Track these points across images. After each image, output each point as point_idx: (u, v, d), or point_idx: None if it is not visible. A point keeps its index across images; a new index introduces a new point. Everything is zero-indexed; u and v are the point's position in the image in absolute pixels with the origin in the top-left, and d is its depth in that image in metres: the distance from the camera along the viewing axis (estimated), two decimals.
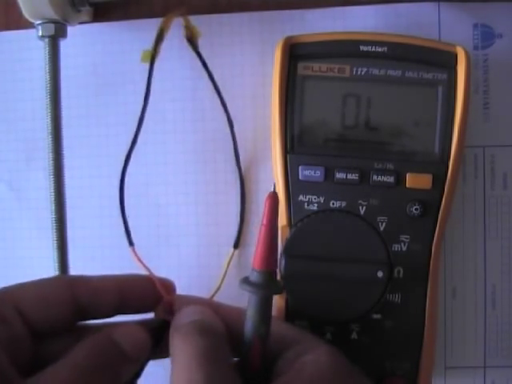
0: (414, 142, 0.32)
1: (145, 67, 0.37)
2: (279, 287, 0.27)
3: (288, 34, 0.33)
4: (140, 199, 0.37)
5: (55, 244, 0.33)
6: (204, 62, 0.35)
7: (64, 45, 0.35)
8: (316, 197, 0.32)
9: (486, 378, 0.36)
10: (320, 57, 0.33)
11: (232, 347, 0.27)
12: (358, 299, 0.31)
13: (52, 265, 0.34)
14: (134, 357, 0.26)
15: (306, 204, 0.32)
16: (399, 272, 0.32)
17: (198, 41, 0.35)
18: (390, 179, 0.32)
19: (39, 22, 0.33)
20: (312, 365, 0.25)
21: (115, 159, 0.38)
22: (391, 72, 0.32)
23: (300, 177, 0.32)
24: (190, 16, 0.37)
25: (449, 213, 0.32)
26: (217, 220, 0.37)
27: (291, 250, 0.31)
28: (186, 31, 0.35)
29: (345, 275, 0.31)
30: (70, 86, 0.37)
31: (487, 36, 0.36)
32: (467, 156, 0.36)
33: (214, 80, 0.36)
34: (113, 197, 0.37)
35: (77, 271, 0.34)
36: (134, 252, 0.33)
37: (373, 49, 0.32)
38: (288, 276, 0.31)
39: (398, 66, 0.32)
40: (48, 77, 0.34)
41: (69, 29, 0.35)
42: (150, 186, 0.37)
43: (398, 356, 0.32)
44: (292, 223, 0.32)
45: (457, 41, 0.33)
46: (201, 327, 0.26)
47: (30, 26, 0.34)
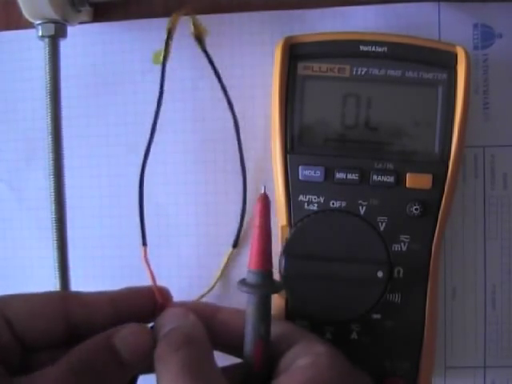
0: (414, 142, 0.32)
1: (144, 67, 0.37)
2: (276, 286, 0.27)
3: (288, 34, 0.33)
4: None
5: (55, 244, 0.33)
6: (211, 61, 0.35)
7: (64, 45, 0.35)
8: (316, 197, 0.32)
9: (486, 378, 0.36)
10: (320, 57, 0.33)
11: (234, 349, 0.27)
12: (358, 299, 0.31)
13: (52, 265, 0.34)
14: (132, 363, 0.26)
15: (306, 204, 0.32)
16: (399, 272, 0.32)
17: (205, 39, 0.35)
18: (390, 179, 0.32)
19: (39, 22, 0.33)
20: (308, 368, 0.25)
21: (115, 159, 0.38)
22: (391, 72, 0.32)
23: (300, 177, 0.32)
24: (190, 16, 0.37)
25: (449, 213, 0.32)
26: (217, 220, 0.37)
27: (291, 250, 0.31)
28: (194, 30, 0.35)
29: (345, 275, 0.31)
30: (70, 86, 0.37)
31: (487, 36, 0.36)
32: (467, 156, 0.36)
33: (221, 78, 0.35)
34: (113, 197, 0.38)
35: (77, 271, 0.34)
36: (145, 252, 0.32)
37: (373, 49, 0.32)
38: (288, 276, 0.31)
39: (398, 66, 0.32)
40: (48, 77, 0.34)
41: (69, 29, 0.35)
42: (150, 186, 0.37)
43: (398, 356, 0.32)
44: (292, 223, 0.32)
45: (457, 41, 0.33)
46: (183, 337, 0.25)
47: (30, 26, 0.34)
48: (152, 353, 0.26)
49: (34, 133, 0.38)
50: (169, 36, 0.34)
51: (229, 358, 0.29)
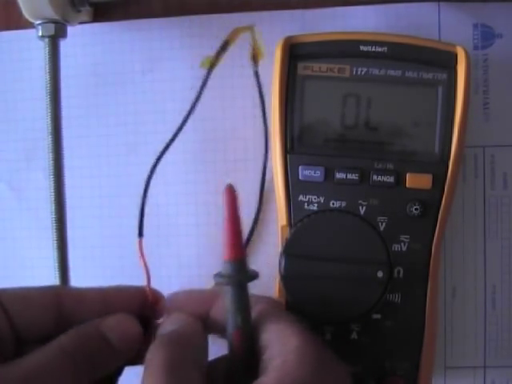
0: (414, 142, 0.32)
1: (144, 67, 0.37)
2: (249, 275, 0.26)
3: (288, 34, 0.33)
4: (140, 199, 0.37)
5: (55, 244, 0.33)
6: (259, 85, 0.36)
7: (64, 45, 0.35)
8: (316, 197, 0.32)
9: (486, 378, 0.36)
10: (320, 57, 0.33)
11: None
12: (358, 299, 0.31)
13: (52, 265, 0.34)
14: (121, 349, 0.26)
15: (306, 204, 0.32)
16: (399, 272, 0.32)
17: (259, 61, 0.35)
18: (390, 179, 0.32)
19: (39, 22, 0.33)
20: (278, 370, 0.24)
21: (115, 159, 0.38)
22: (391, 72, 0.32)
23: (300, 177, 0.32)
24: (190, 16, 0.37)
25: (449, 213, 0.32)
26: (217, 220, 0.37)
27: (291, 250, 0.31)
28: (253, 49, 0.35)
29: (345, 275, 0.31)
30: (70, 86, 0.37)
31: (487, 36, 0.36)
32: (467, 156, 0.36)
33: (261, 89, 0.36)
34: (113, 197, 0.38)
35: (77, 271, 0.34)
36: (141, 244, 0.32)
37: (373, 49, 0.32)
38: (288, 276, 0.31)
39: (398, 66, 0.32)
40: (48, 77, 0.34)
41: (69, 29, 0.35)
42: (150, 186, 0.37)
43: (398, 356, 0.32)
44: (292, 223, 0.32)
45: (457, 41, 0.33)
46: (170, 338, 0.26)
47: (30, 26, 0.34)
48: (140, 340, 0.27)
49: (34, 133, 0.38)
50: (223, 46, 0.35)
51: None
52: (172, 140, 0.34)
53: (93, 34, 0.38)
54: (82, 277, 0.35)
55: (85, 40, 0.38)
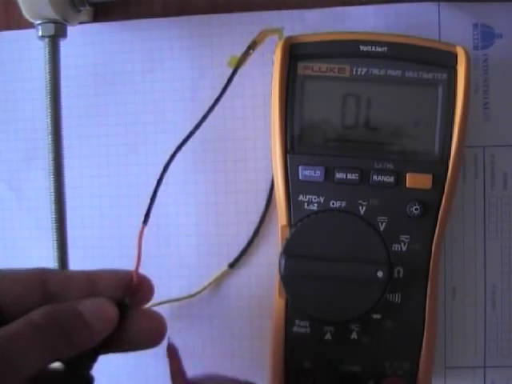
0: (414, 142, 0.32)
1: (145, 68, 0.37)
2: None
3: (288, 34, 0.33)
4: (140, 199, 0.37)
5: (55, 244, 0.33)
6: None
7: (64, 45, 0.35)
8: (316, 197, 0.32)
9: (486, 378, 0.36)
10: (320, 57, 0.33)
11: None
12: (358, 299, 0.31)
13: (52, 265, 0.34)
14: (95, 327, 0.26)
15: (306, 204, 0.32)
16: (399, 272, 0.32)
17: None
18: (390, 179, 0.32)
19: (39, 22, 0.33)
20: None
21: (115, 159, 0.38)
22: (391, 72, 0.32)
23: (300, 177, 0.32)
24: (190, 16, 0.37)
25: (449, 213, 0.32)
26: (217, 220, 0.37)
27: (291, 250, 0.31)
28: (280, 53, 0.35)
29: (345, 275, 0.31)
30: (70, 86, 0.37)
31: (487, 36, 0.36)
32: (467, 156, 0.36)
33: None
34: (113, 197, 0.38)
35: None
36: (143, 231, 0.32)
37: (373, 49, 0.32)
38: (288, 276, 0.31)
39: (398, 66, 0.32)
40: (48, 77, 0.34)
41: (69, 29, 0.35)
42: (150, 186, 0.37)
43: (398, 356, 0.32)
44: (292, 223, 0.32)
45: (457, 41, 0.33)
46: None
47: (30, 26, 0.34)
48: (115, 323, 0.26)
49: (34, 133, 0.38)
50: (250, 46, 0.36)
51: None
52: (188, 137, 0.35)
53: (93, 34, 0.38)
54: None
55: (85, 40, 0.38)
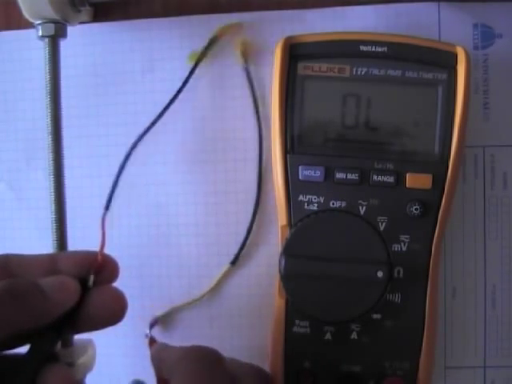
0: (414, 142, 0.32)
1: (145, 67, 0.37)
2: None
3: (288, 34, 0.33)
4: (140, 199, 0.37)
5: (55, 244, 0.33)
6: (251, 81, 0.36)
7: (64, 45, 0.35)
8: (316, 197, 0.32)
9: (486, 378, 0.36)
10: (320, 57, 0.33)
11: None
12: (358, 299, 0.31)
13: None
14: (55, 299, 0.26)
15: (306, 204, 0.32)
16: (399, 272, 0.32)
17: (249, 58, 0.36)
18: (390, 179, 0.32)
19: (39, 22, 0.33)
20: None
21: (115, 159, 0.38)
22: (391, 72, 0.32)
23: (300, 177, 0.32)
24: (190, 16, 0.37)
25: (449, 213, 0.32)
26: (217, 220, 0.37)
27: (291, 250, 0.31)
28: (241, 46, 0.36)
29: (345, 275, 0.31)
30: (70, 86, 0.37)
31: (487, 36, 0.36)
32: (467, 156, 0.36)
33: (255, 94, 0.36)
34: (113, 196, 0.37)
35: None
36: (104, 218, 0.32)
37: (373, 49, 0.32)
38: (288, 276, 0.31)
39: (398, 66, 0.32)
40: (48, 77, 0.33)
41: (69, 29, 0.35)
42: (150, 186, 0.37)
43: (398, 356, 0.32)
44: (292, 223, 0.32)
45: (457, 41, 0.33)
46: None
47: (30, 26, 0.34)
48: (75, 296, 0.27)
49: (34, 133, 0.38)
50: (211, 42, 0.36)
51: None
52: (146, 131, 0.36)
53: (93, 34, 0.38)
54: None
55: (85, 40, 0.38)
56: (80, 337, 0.30)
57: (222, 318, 0.37)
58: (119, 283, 0.30)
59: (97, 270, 0.29)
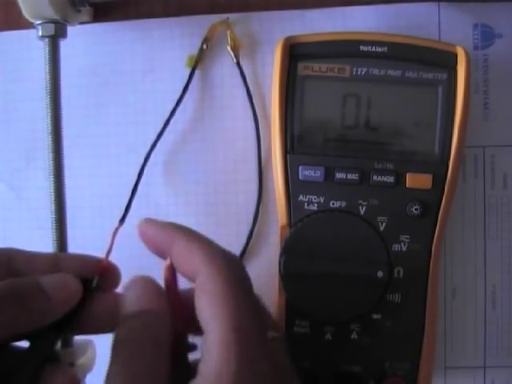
0: (414, 142, 0.32)
1: (145, 67, 0.37)
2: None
3: (288, 34, 0.33)
4: (140, 199, 0.37)
5: (55, 244, 0.33)
6: (243, 74, 0.36)
7: (64, 45, 0.35)
8: (316, 197, 0.32)
9: (486, 378, 0.36)
10: (320, 57, 0.33)
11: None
12: (358, 299, 0.31)
13: None
14: (56, 300, 0.26)
15: (306, 204, 0.32)
16: (399, 272, 0.32)
17: (240, 51, 0.37)
18: (390, 179, 0.32)
19: (39, 22, 0.33)
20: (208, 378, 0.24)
21: (115, 159, 0.38)
22: (391, 72, 0.32)
23: (300, 177, 0.32)
24: (190, 16, 0.37)
25: (449, 213, 0.32)
26: (217, 220, 0.37)
27: (291, 250, 0.31)
28: (230, 41, 0.36)
29: (345, 275, 0.31)
30: (71, 86, 0.37)
31: (487, 36, 0.36)
32: (467, 156, 0.36)
33: (249, 90, 0.37)
34: (113, 196, 0.37)
35: None
36: (117, 230, 0.32)
37: (373, 49, 0.32)
38: (288, 276, 0.31)
39: (398, 66, 0.32)
40: (48, 77, 0.34)
41: (69, 29, 0.35)
42: (150, 186, 0.37)
43: (398, 356, 0.32)
44: (292, 223, 0.32)
45: (457, 41, 0.33)
46: (145, 331, 0.25)
47: (30, 26, 0.34)
48: (77, 296, 0.26)
49: (34, 133, 0.38)
50: (203, 44, 0.36)
51: None
52: (157, 139, 0.36)
53: (93, 34, 0.38)
54: None
55: (85, 40, 0.38)
56: (80, 337, 0.30)
57: None
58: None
59: (100, 275, 0.29)
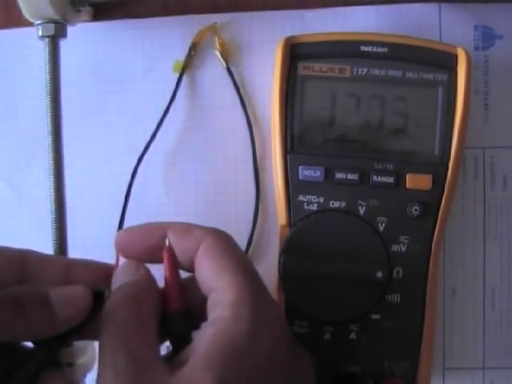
0: (414, 143, 0.32)
1: (145, 66, 0.37)
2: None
3: (289, 34, 0.33)
4: (140, 199, 0.37)
5: (55, 244, 0.33)
6: (233, 78, 0.37)
7: (65, 43, 0.35)
8: (316, 197, 0.32)
9: (485, 379, 0.36)
10: (321, 57, 0.33)
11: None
12: (358, 299, 0.31)
13: None
14: (61, 312, 0.26)
15: (306, 204, 0.32)
16: (398, 272, 0.32)
17: (229, 55, 0.37)
18: (390, 180, 0.32)
19: (39, 22, 0.33)
20: (213, 333, 0.24)
21: (115, 158, 0.38)
22: (392, 72, 0.32)
23: (300, 177, 0.32)
24: (190, 15, 0.37)
25: (448, 213, 0.32)
26: (217, 220, 0.37)
27: (290, 250, 0.31)
28: (219, 48, 0.36)
29: (344, 275, 0.31)
30: (71, 85, 0.37)
31: (488, 37, 0.36)
32: (467, 157, 0.36)
33: (240, 92, 0.37)
34: (113, 196, 0.37)
35: None
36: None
37: (373, 49, 0.32)
38: (287, 276, 0.31)
39: (399, 67, 0.32)
40: (48, 77, 0.33)
41: (69, 28, 0.35)
42: (150, 186, 0.37)
43: (397, 356, 0.32)
44: (292, 223, 0.32)
45: (457, 42, 0.33)
46: (123, 297, 0.26)
47: (31, 25, 0.34)
48: (85, 313, 0.26)
49: (35, 131, 0.38)
50: (191, 50, 0.36)
51: None
52: (151, 141, 0.36)
53: (94, 33, 0.38)
54: None
55: (86, 38, 0.38)
56: None
57: None
58: None
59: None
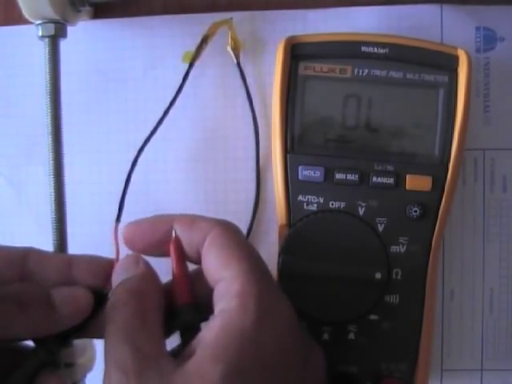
0: (415, 144, 0.32)
1: (146, 64, 0.37)
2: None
3: (290, 34, 0.33)
4: (140, 197, 0.37)
5: (55, 244, 0.33)
6: (243, 75, 0.36)
7: (65, 41, 0.34)
8: (315, 197, 0.32)
9: (483, 381, 0.36)
10: (322, 57, 0.33)
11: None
12: (356, 300, 0.31)
13: None
14: (63, 311, 0.26)
15: (306, 204, 0.32)
16: (397, 273, 0.32)
17: (240, 52, 0.36)
18: (390, 181, 0.32)
19: (39, 22, 0.33)
20: (220, 323, 0.24)
21: (115, 156, 0.38)
22: (393, 73, 0.33)
23: (300, 177, 0.32)
24: (190, 15, 0.37)
25: (448, 215, 0.32)
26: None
27: (289, 250, 0.31)
28: (231, 43, 0.36)
29: (343, 276, 0.31)
30: (72, 83, 0.37)
31: (489, 39, 0.36)
32: (467, 159, 0.36)
33: (248, 88, 0.36)
34: (113, 193, 0.37)
35: None
36: (116, 229, 0.32)
37: (374, 50, 0.32)
38: (286, 276, 0.31)
39: (400, 68, 0.32)
40: (48, 77, 0.33)
41: (69, 26, 0.35)
42: (150, 184, 0.37)
43: (395, 357, 0.32)
44: (291, 223, 0.32)
45: (459, 43, 0.33)
46: (126, 294, 0.26)
47: (30, 23, 0.34)
48: (87, 312, 0.27)
49: (35, 128, 0.38)
50: (203, 41, 0.36)
51: None
52: (152, 133, 0.35)
53: (95, 31, 0.38)
54: None
55: (87, 36, 0.38)
56: None
57: None
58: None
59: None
